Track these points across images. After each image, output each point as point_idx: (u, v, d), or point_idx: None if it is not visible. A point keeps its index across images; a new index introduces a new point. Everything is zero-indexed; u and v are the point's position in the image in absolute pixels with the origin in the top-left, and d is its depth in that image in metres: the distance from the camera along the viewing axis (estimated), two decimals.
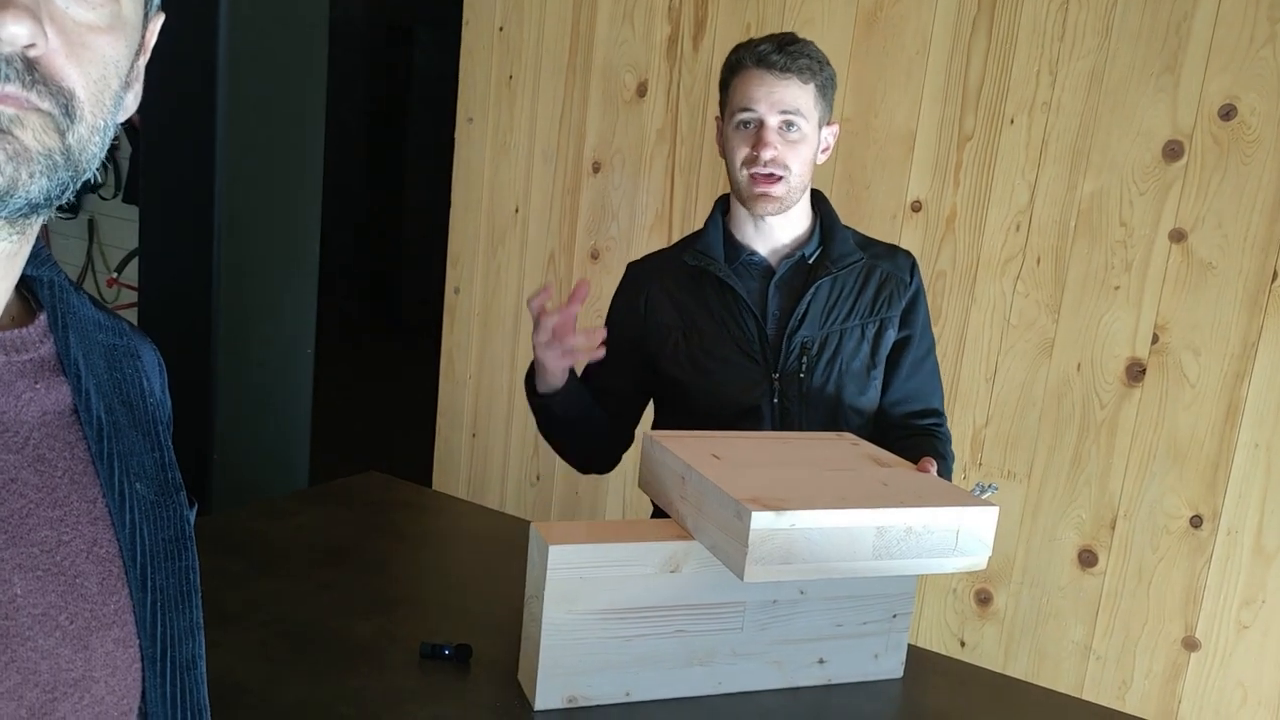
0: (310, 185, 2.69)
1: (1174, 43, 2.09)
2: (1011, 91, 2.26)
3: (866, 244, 1.73)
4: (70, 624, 0.58)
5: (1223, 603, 2.15)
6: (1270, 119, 2.02)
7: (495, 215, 3.04)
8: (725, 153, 1.67)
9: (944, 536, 1.22)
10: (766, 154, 1.58)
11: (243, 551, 1.60)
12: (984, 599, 2.38)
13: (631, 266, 1.82)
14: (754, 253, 1.70)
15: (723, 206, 1.76)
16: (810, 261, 1.69)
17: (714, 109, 2.62)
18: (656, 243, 2.73)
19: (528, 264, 2.98)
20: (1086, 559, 2.26)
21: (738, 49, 1.64)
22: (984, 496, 1.64)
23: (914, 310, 1.72)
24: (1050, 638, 2.32)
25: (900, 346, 1.72)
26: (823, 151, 1.67)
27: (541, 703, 1.24)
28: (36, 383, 0.61)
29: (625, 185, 2.78)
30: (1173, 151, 2.11)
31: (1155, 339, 2.16)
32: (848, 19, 2.41)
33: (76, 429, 0.62)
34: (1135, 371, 2.19)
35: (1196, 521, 2.15)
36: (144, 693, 0.63)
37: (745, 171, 1.61)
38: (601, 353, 1.55)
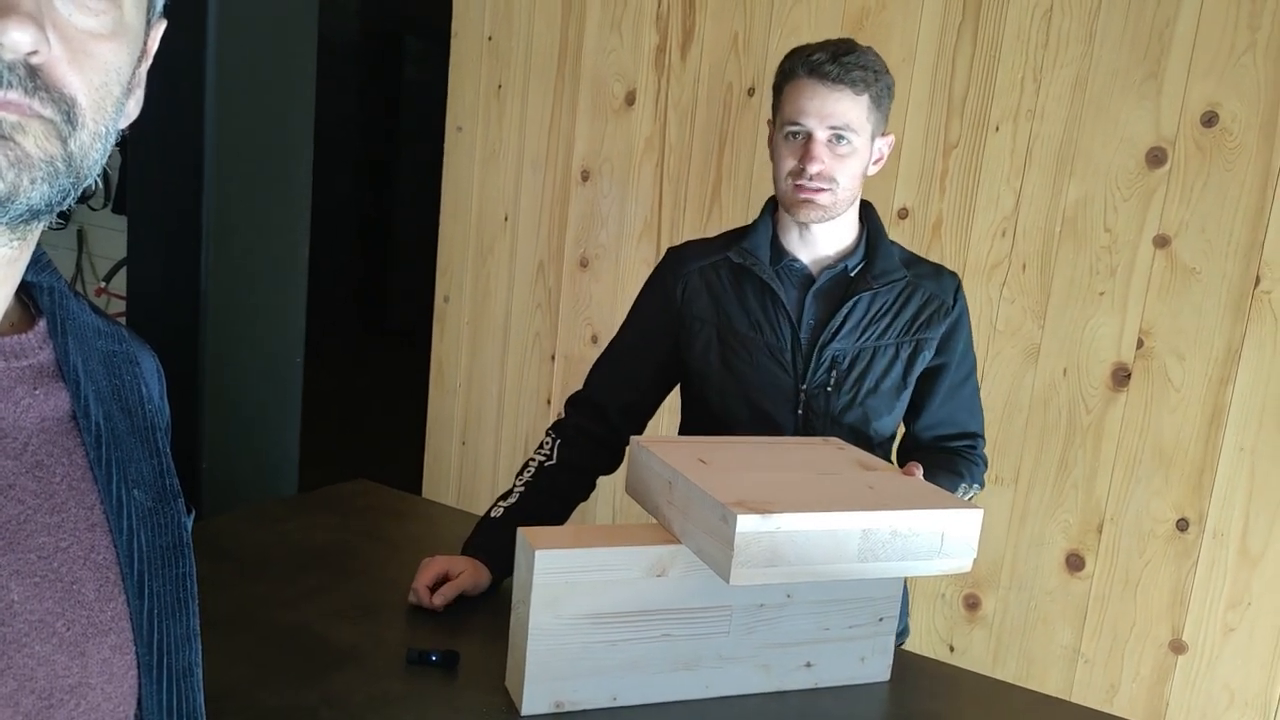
0: (299, 194, 2.69)
1: (1156, 50, 2.11)
2: (996, 99, 2.28)
3: (912, 261, 1.68)
4: (67, 630, 0.58)
5: (1209, 606, 2.16)
6: (1251, 125, 2.05)
7: (484, 224, 3.05)
8: (773, 159, 1.62)
9: (929, 539, 1.22)
10: (813, 168, 1.52)
11: (231, 557, 1.60)
12: (972, 603, 2.39)
13: (672, 251, 1.76)
14: (796, 259, 1.65)
15: (772, 206, 1.70)
16: (852, 274, 1.64)
17: (702, 118, 2.64)
18: (645, 251, 2.74)
19: (517, 272, 2.99)
20: (1074, 563, 2.28)
21: (791, 55, 1.57)
22: (967, 498, 1.65)
23: (954, 336, 1.67)
24: (1038, 642, 2.33)
25: (936, 372, 1.68)
26: (875, 163, 1.61)
27: (528, 708, 1.24)
28: (35, 389, 0.61)
29: (614, 194, 2.79)
30: (1156, 158, 2.14)
31: (1140, 344, 2.18)
32: (833, 27, 2.42)
33: (75, 435, 0.62)
34: (1120, 376, 2.20)
35: (1183, 525, 2.17)
36: (140, 700, 0.63)
37: (790, 181, 1.56)
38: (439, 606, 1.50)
